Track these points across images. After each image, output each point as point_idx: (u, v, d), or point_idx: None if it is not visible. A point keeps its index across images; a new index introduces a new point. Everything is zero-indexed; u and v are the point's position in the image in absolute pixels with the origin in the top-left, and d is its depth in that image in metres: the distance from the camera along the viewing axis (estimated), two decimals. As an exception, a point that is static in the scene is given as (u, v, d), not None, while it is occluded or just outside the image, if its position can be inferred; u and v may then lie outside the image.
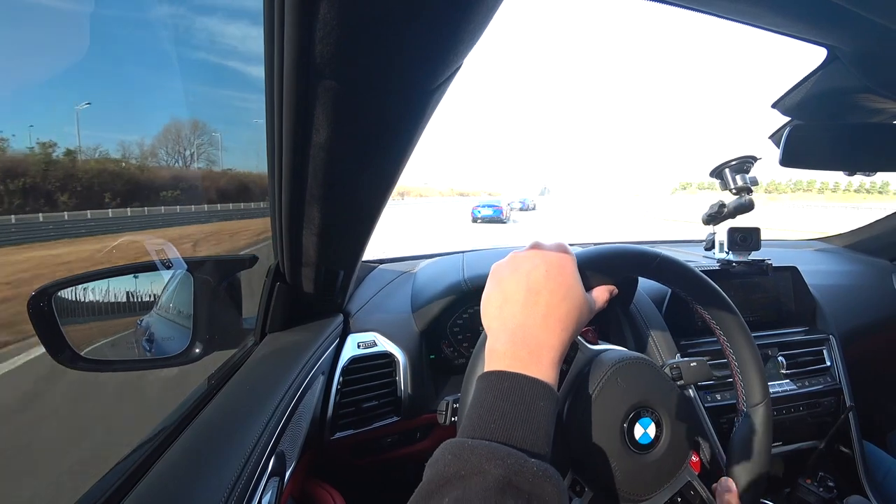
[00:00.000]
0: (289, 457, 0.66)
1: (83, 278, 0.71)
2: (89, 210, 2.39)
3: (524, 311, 0.45)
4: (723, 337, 0.62)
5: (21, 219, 2.08)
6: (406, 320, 1.04)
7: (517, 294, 0.46)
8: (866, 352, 1.44)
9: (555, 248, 0.50)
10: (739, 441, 0.61)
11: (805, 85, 0.79)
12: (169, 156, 2.46)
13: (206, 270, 0.76)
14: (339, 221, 0.76)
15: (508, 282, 0.47)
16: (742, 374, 0.62)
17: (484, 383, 0.41)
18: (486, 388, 0.41)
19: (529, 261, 0.48)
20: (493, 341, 0.45)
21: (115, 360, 0.73)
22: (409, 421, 0.95)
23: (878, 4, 0.53)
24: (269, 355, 0.78)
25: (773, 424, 0.61)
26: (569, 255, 0.49)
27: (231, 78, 3.90)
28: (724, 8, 0.58)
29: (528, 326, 0.44)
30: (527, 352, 0.42)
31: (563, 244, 0.50)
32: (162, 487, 0.47)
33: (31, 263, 1.88)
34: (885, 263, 1.63)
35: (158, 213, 2.69)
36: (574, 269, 0.49)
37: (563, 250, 0.50)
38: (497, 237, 14.75)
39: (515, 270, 0.48)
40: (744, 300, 1.22)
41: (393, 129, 0.55)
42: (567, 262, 0.48)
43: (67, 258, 2.08)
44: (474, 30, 0.43)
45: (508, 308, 0.46)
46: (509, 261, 0.49)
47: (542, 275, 0.46)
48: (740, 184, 1.19)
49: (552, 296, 0.45)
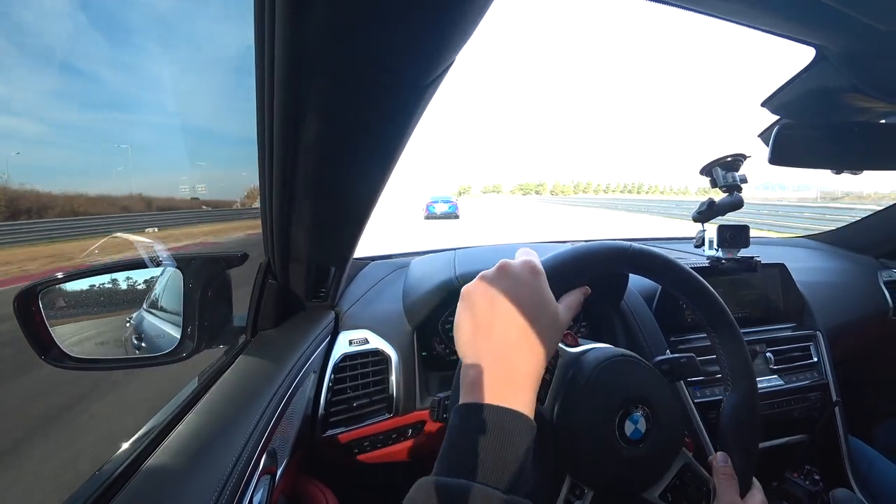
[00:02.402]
0: (280, 454, 0.66)
1: (71, 276, 0.70)
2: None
3: (496, 339, 0.44)
4: (703, 321, 0.62)
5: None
6: (398, 317, 1.04)
7: (488, 322, 0.45)
8: (852, 348, 1.46)
9: (522, 267, 0.48)
10: (728, 416, 0.61)
11: (793, 84, 0.80)
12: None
13: (195, 267, 0.75)
14: (330, 218, 0.75)
15: (479, 309, 0.46)
16: (723, 349, 0.62)
17: (458, 416, 0.41)
18: (461, 422, 0.40)
19: (498, 285, 0.47)
20: (467, 371, 0.44)
21: (103, 359, 0.73)
22: (401, 418, 0.95)
23: (867, 5, 0.54)
24: (260, 353, 0.77)
25: (758, 397, 0.61)
26: (537, 270, 0.48)
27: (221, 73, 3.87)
28: (713, 6, 0.58)
29: (501, 355, 0.43)
30: (501, 382, 0.42)
31: (529, 260, 0.49)
32: (152, 485, 0.47)
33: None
34: (871, 260, 1.66)
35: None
36: (543, 284, 0.48)
37: (530, 267, 0.48)
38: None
39: (484, 296, 0.46)
40: (733, 297, 1.24)
41: (385, 125, 0.55)
42: (536, 279, 0.48)
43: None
44: (467, 26, 0.43)
45: (481, 336, 0.45)
46: (478, 286, 0.48)
47: (511, 299, 0.45)
48: (730, 181, 1.20)
49: (524, 319, 0.45)
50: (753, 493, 0.59)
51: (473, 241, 1.59)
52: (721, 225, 1.24)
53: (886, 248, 1.67)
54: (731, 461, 0.58)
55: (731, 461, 0.58)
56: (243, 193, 18.48)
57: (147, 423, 0.59)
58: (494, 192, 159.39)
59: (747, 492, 0.59)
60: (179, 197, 30.57)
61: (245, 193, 17.57)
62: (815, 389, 1.17)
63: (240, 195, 20.97)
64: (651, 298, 1.14)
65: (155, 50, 6.74)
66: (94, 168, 25.00)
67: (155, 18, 6.97)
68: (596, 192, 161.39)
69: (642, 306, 1.11)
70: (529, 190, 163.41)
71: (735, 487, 0.56)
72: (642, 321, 1.07)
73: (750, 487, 0.59)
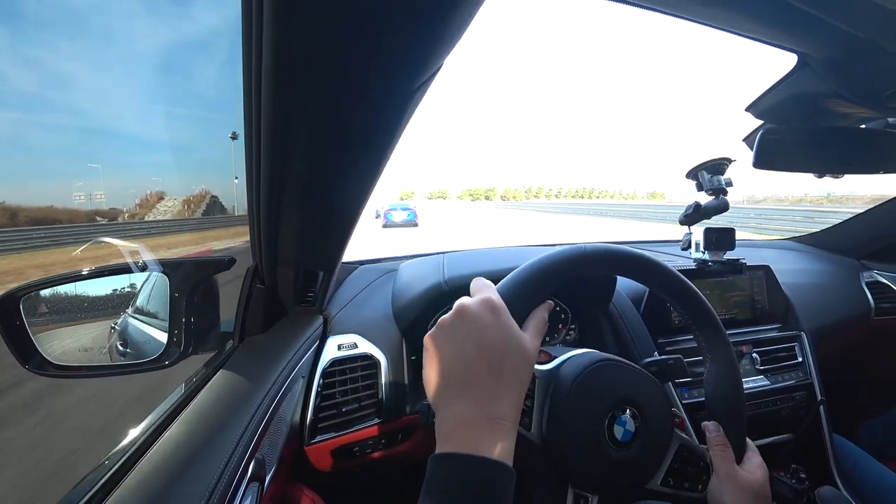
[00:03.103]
0: (269, 461, 0.65)
1: (54, 281, 0.69)
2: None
3: (467, 387, 0.43)
4: (664, 294, 0.62)
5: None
6: (387, 322, 1.03)
7: (455, 370, 0.44)
8: (836, 348, 1.49)
9: (480, 307, 0.46)
10: (711, 386, 0.62)
11: (777, 89, 0.81)
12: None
13: (182, 272, 0.74)
14: (318, 222, 0.75)
15: (444, 358, 0.45)
16: (693, 321, 0.62)
17: (436, 467, 0.40)
18: (439, 474, 0.40)
19: (459, 331, 0.45)
20: (442, 421, 0.43)
21: (87, 366, 0.71)
22: (391, 423, 0.94)
23: (847, 13, 0.55)
24: (248, 359, 0.77)
25: (738, 366, 0.62)
26: (496, 307, 0.46)
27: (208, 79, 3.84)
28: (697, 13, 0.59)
29: (474, 402, 0.42)
30: (477, 430, 0.41)
31: (487, 298, 0.47)
32: (138, 493, 0.46)
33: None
34: (853, 262, 1.69)
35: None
36: (504, 319, 0.46)
37: (489, 306, 0.46)
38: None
39: (448, 344, 0.45)
40: (719, 299, 1.25)
41: (372, 129, 0.55)
42: (496, 317, 0.46)
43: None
44: (454, 31, 0.43)
45: (451, 386, 0.44)
46: (439, 334, 0.46)
47: (475, 343, 0.44)
48: (715, 185, 1.22)
49: (492, 363, 0.44)
50: (749, 456, 0.60)
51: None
52: (707, 228, 1.25)
53: (868, 250, 1.71)
54: (723, 430, 0.59)
55: (722, 430, 0.59)
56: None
57: (133, 431, 0.58)
58: (441, 197, 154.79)
59: (743, 455, 0.60)
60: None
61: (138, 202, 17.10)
62: (800, 389, 1.19)
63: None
64: (639, 301, 1.15)
65: (146, 57, 6.41)
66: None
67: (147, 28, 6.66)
68: (548, 196, 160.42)
69: (630, 309, 1.11)
70: (479, 195, 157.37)
71: (730, 455, 0.58)
72: (630, 323, 1.08)
73: (745, 451, 0.60)
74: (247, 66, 0.47)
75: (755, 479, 0.57)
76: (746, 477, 0.56)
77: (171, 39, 34.80)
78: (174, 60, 29.71)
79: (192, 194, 28.86)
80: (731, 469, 0.56)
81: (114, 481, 0.47)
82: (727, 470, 0.56)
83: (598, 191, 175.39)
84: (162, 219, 24.44)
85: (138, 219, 13.74)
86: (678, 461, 0.57)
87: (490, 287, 0.50)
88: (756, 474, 0.57)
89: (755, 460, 0.59)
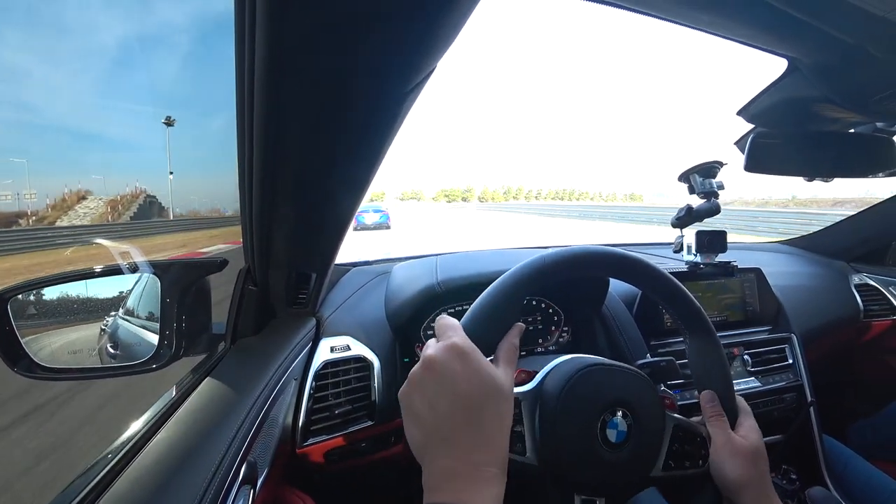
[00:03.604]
0: (261, 464, 0.65)
1: (43, 282, 0.68)
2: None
3: (447, 443, 0.42)
4: (639, 286, 0.62)
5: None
6: (380, 324, 1.03)
7: (433, 425, 0.43)
8: (826, 350, 1.50)
9: (447, 354, 0.45)
10: (694, 357, 0.62)
11: (767, 94, 0.82)
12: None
13: (174, 274, 0.73)
14: (311, 224, 0.75)
15: (420, 413, 0.45)
16: (669, 304, 0.62)
17: None
18: None
19: (429, 385, 0.44)
20: (428, 475, 0.42)
21: (76, 368, 0.71)
22: (384, 425, 0.94)
23: (836, 19, 0.56)
24: (240, 361, 0.76)
25: (716, 335, 0.61)
26: (462, 351, 0.45)
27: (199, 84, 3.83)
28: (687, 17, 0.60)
29: (457, 454, 0.42)
30: (463, 481, 0.41)
31: (452, 343, 0.46)
32: (129, 497, 0.46)
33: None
34: (843, 265, 1.71)
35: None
36: (474, 362, 0.45)
37: (456, 351, 0.45)
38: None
39: (422, 401, 0.45)
40: (711, 301, 1.26)
41: (366, 130, 0.55)
42: (465, 361, 0.45)
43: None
44: (447, 33, 0.43)
45: (431, 441, 0.43)
46: (411, 390, 0.46)
47: (447, 395, 0.43)
48: (707, 188, 1.23)
49: (468, 411, 0.43)
50: (742, 420, 0.60)
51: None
52: (699, 230, 1.26)
53: (857, 253, 1.73)
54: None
55: (718, 399, 0.60)
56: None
57: (123, 434, 0.57)
58: (414, 198, 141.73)
59: (736, 419, 0.60)
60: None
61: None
62: (790, 390, 1.20)
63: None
64: (632, 303, 1.15)
65: (138, 55, 6.29)
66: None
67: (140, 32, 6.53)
68: (527, 198, 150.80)
69: (623, 311, 1.12)
70: (455, 196, 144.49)
71: (725, 424, 0.58)
72: (623, 326, 1.08)
73: (738, 415, 0.61)
74: (239, 67, 0.47)
75: (751, 443, 0.57)
76: (742, 442, 0.57)
77: (120, 30, 32.60)
78: (123, 51, 27.72)
79: (122, 194, 26.67)
80: (727, 437, 0.57)
81: (103, 485, 0.47)
82: (724, 438, 0.57)
83: (577, 192, 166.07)
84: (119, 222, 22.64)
85: (47, 223, 12.83)
86: (676, 442, 0.57)
87: (454, 327, 0.49)
88: (751, 438, 0.58)
89: (748, 423, 0.60)
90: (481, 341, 0.48)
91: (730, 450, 0.56)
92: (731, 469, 0.55)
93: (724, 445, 0.56)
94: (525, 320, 1.11)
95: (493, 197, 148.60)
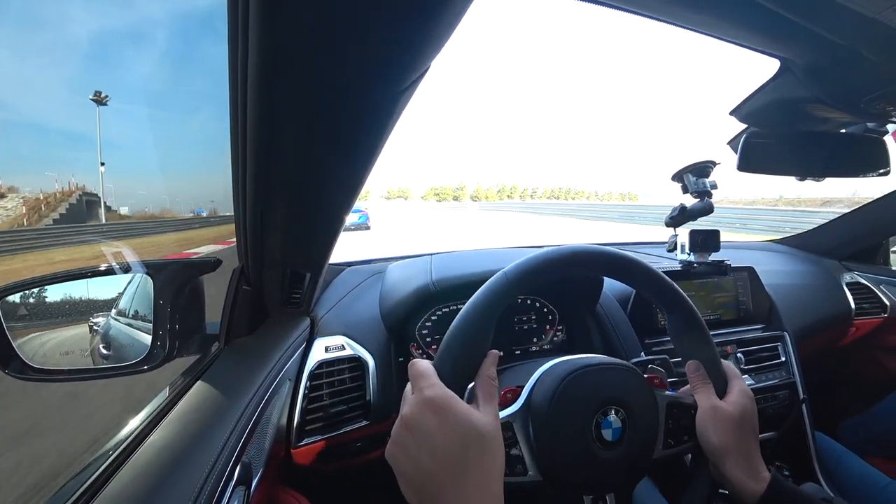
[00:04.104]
0: (255, 465, 0.65)
1: (34, 283, 0.67)
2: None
3: (437, 500, 0.42)
4: (606, 273, 0.61)
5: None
6: (374, 323, 1.03)
7: (420, 485, 0.43)
8: (818, 348, 1.52)
9: (422, 409, 0.45)
10: (675, 331, 0.63)
11: (759, 94, 0.83)
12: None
13: (167, 274, 0.73)
14: (304, 223, 0.74)
15: (408, 475, 0.44)
16: (636, 284, 0.62)
17: None
18: None
19: (410, 445, 0.44)
20: None
21: (67, 370, 0.70)
22: (378, 425, 0.94)
23: (828, 21, 0.56)
24: (234, 362, 0.76)
25: (694, 307, 0.61)
26: (435, 402, 0.45)
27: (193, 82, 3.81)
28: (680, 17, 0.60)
29: None
30: None
31: (425, 398, 0.45)
32: (123, 498, 0.45)
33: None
34: (835, 263, 1.73)
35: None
36: (450, 413, 0.44)
37: (431, 407, 0.45)
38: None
39: (406, 461, 0.44)
40: (705, 299, 1.27)
41: (359, 130, 0.55)
42: (442, 416, 0.44)
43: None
44: (441, 33, 0.43)
45: (424, 499, 0.43)
46: (395, 451, 0.45)
47: (428, 454, 0.43)
48: (700, 187, 1.24)
49: (452, 467, 0.42)
50: (731, 387, 0.60)
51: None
52: (693, 230, 1.27)
53: (849, 252, 1.74)
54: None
55: (703, 368, 0.60)
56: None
57: (117, 435, 0.57)
58: (402, 197, 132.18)
59: (725, 385, 0.60)
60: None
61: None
62: (783, 388, 1.22)
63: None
64: (626, 302, 1.16)
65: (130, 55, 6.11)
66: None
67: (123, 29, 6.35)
68: (522, 197, 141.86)
69: (617, 310, 1.13)
70: (446, 195, 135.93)
71: (710, 391, 0.58)
72: (617, 324, 1.09)
73: (726, 382, 0.61)
74: (232, 66, 0.47)
75: (736, 409, 0.57)
76: (726, 409, 0.57)
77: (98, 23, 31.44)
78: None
79: (49, 192, 22.66)
80: (712, 404, 0.57)
81: (96, 487, 0.46)
82: (708, 405, 0.57)
83: (574, 191, 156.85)
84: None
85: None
86: (671, 419, 0.57)
87: (425, 375, 0.48)
88: (739, 403, 0.57)
89: (737, 388, 0.59)
90: (456, 384, 0.47)
91: (713, 416, 0.56)
92: (714, 435, 0.55)
93: (708, 412, 0.57)
94: (519, 319, 1.11)
95: (487, 196, 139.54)
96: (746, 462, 0.55)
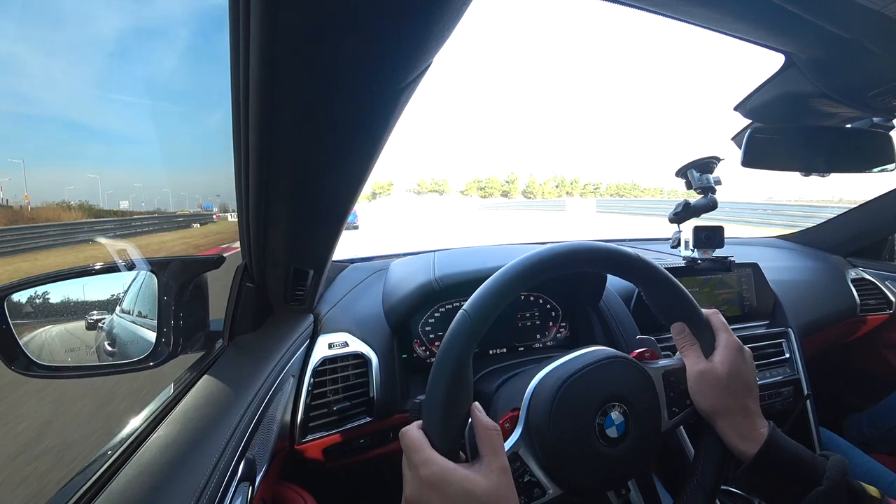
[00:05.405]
0: (259, 461, 0.65)
1: (38, 280, 0.68)
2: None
3: None
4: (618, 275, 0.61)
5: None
6: (378, 320, 1.03)
7: None
8: (822, 344, 1.51)
9: (419, 489, 0.45)
10: (652, 299, 0.63)
11: (764, 89, 0.82)
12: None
13: (171, 271, 0.73)
14: (307, 220, 0.75)
15: None
16: (605, 267, 0.61)
17: None
18: None
19: None
20: None
21: (73, 367, 0.70)
22: (382, 421, 0.94)
23: (833, 14, 0.56)
24: (237, 358, 0.76)
25: (667, 272, 0.60)
26: (433, 480, 0.44)
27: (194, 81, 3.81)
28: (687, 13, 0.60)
29: None
30: None
31: (420, 474, 0.45)
32: (127, 495, 0.46)
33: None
34: (840, 259, 1.72)
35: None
36: (449, 483, 0.44)
37: (426, 483, 0.44)
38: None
39: None
40: (709, 296, 1.26)
41: (361, 126, 0.55)
42: (438, 490, 0.44)
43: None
44: (443, 29, 0.43)
45: None
46: None
47: None
48: (704, 183, 1.23)
49: None
50: (717, 342, 0.59)
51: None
52: (697, 226, 1.27)
53: (854, 247, 1.73)
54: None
55: (688, 329, 0.60)
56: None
57: (121, 432, 0.57)
58: (436, 191, 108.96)
59: (713, 342, 0.59)
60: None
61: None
62: (787, 384, 1.21)
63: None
64: (629, 299, 1.16)
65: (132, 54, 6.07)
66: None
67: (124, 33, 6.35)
68: (583, 194, 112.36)
69: (620, 306, 1.12)
70: (493, 189, 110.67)
71: (697, 352, 0.58)
72: (620, 320, 1.09)
73: (714, 341, 0.59)
74: (234, 63, 0.47)
75: (723, 369, 0.56)
76: (713, 370, 0.56)
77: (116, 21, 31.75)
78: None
79: None
80: (699, 368, 0.57)
81: (101, 483, 0.47)
82: (697, 367, 0.57)
83: (641, 187, 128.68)
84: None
85: None
86: (669, 388, 0.57)
87: (416, 448, 0.47)
88: (726, 361, 0.56)
89: (723, 342, 0.58)
90: (449, 446, 0.47)
91: (700, 380, 0.56)
92: (706, 397, 0.55)
93: (696, 377, 0.56)
94: (523, 316, 1.11)
95: (543, 192, 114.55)
96: (741, 420, 0.54)
